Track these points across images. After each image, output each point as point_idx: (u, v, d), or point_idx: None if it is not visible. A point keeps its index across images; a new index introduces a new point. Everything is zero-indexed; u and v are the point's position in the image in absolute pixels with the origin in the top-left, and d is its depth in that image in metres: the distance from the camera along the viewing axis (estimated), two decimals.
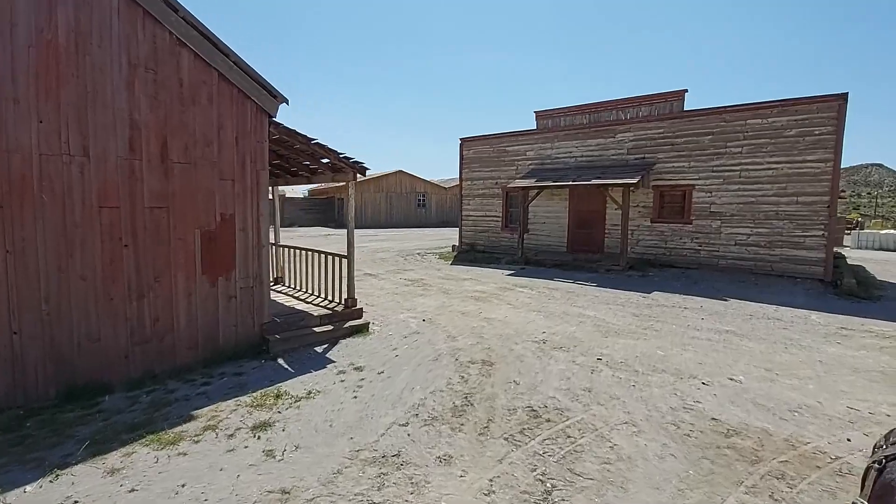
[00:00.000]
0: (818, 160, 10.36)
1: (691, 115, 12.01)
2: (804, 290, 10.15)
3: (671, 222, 12.47)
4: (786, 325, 7.78)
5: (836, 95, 10.11)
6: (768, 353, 6.33)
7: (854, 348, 6.60)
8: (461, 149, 16.89)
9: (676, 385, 5.10)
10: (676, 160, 12.26)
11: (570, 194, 14.19)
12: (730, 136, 11.45)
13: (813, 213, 10.50)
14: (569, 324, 7.71)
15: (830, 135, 10.18)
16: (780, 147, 10.79)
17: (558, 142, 14.43)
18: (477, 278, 12.11)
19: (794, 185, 10.68)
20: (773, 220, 10.99)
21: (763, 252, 11.18)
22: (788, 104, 10.66)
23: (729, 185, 11.53)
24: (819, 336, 7.18)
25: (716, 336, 7.12)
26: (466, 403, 4.53)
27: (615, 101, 13.29)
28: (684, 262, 12.26)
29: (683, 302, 9.38)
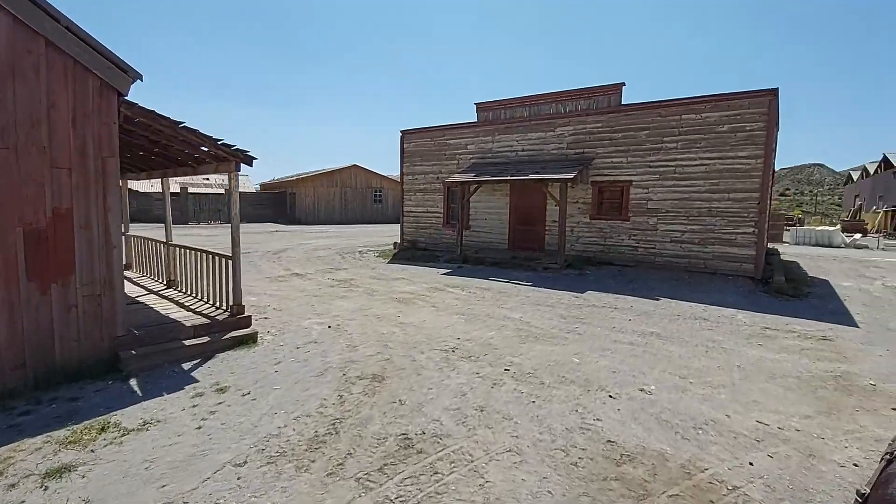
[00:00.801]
0: (749, 156, 10.26)
1: (628, 110, 11.74)
2: (735, 288, 10.04)
3: (610, 219, 12.20)
4: (711, 326, 7.52)
5: (766, 91, 10.01)
6: (687, 358, 5.98)
7: (775, 350, 6.36)
8: (402, 142, 16.16)
9: (581, 399, 4.62)
10: (615, 155, 11.99)
11: (511, 190, 13.74)
12: (665, 131, 11.25)
13: (744, 210, 10.41)
14: (489, 328, 7.18)
15: (761, 131, 10.09)
16: (713, 143, 10.65)
17: (499, 135, 13.94)
18: (410, 278, 11.48)
19: (726, 181, 10.56)
20: (707, 217, 10.86)
21: (697, 249, 11.05)
22: (721, 99, 10.52)
23: (665, 181, 11.34)
24: (742, 338, 6.93)
25: (639, 339, 6.75)
26: (331, 431, 3.86)
27: (555, 94, 12.91)
28: (622, 260, 12.03)
29: (615, 302, 9.05)
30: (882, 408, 4.60)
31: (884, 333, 7.33)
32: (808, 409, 4.54)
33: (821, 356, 6.16)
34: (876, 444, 3.87)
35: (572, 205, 12.70)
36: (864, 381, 5.27)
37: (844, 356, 6.18)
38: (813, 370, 5.61)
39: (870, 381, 5.30)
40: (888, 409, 4.58)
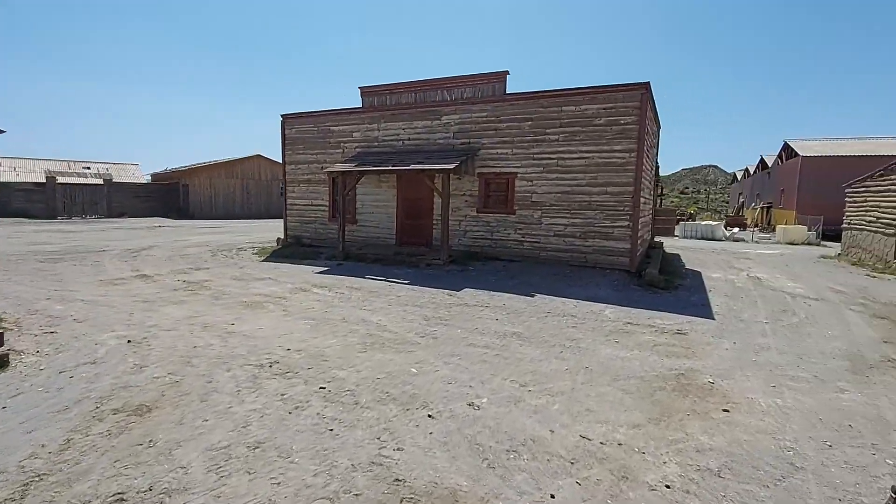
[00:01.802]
0: (624, 150, 10.33)
1: (512, 100, 11.44)
2: (610, 282, 10.05)
3: (497, 213, 11.86)
4: (577, 324, 7.26)
5: (639, 84, 10.11)
6: (538, 361, 5.55)
7: (629, 348, 6.14)
8: (282, 127, 14.78)
9: (393, 422, 3.92)
10: (500, 146, 11.64)
11: (399, 182, 12.98)
12: (547, 122, 11.06)
13: (620, 204, 10.48)
14: (335, 335, 6.34)
15: (634, 125, 10.18)
16: (591, 136, 10.61)
17: (385, 122, 13.10)
18: (277, 278, 10.32)
19: (604, 174, 10.58)
20: (587, 211, 10.83)
21: (579, 243, 11.00)
22: (598, 91, 10.49)
23: (548, 173, 11.17)
24: (602, 335, 6.69)
25: (496, 342, 6.26)
26: (11, 498, 2.80)
27: (440, 80, 12.32)
28: (509, 255, 11.73)
29: (490, 300, 8.60)
30: (713, 410, 4.37)
31: (735, 325, 7.49)
32: (639, 417, 4.19)
33: (671, 352, 6.02)
34: (696, 456, 3.54)
35: (459, 197, 12.21)
36: (704, 379, 5.11)
37: (693, 351, 6.09)
38: (658, 369, 5.39)
39: (709, 378, 5.15)
40: (719, 410, 4.37)
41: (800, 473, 3.38)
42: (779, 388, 4.93)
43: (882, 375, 5.39)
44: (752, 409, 4.40)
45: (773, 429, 4.04)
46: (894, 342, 6.73)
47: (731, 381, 5.08)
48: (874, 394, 4.86)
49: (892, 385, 5.12)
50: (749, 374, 5.34)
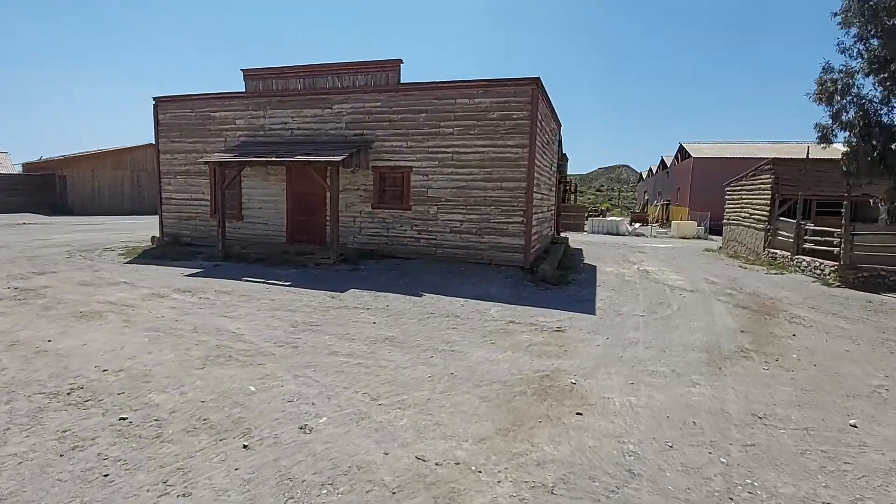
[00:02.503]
0: (516, 145, 10.30)
1: (407, 90, 11.01)
2: (504, 278, 9.98)
3: (392, 208, 11.39)
4: (458, 324, 6.98)
5: (530, 79, 10.11)
6: (403, 368, 5.15)
7: (503, 349, 5.94)
8: (155, 112, 13.20)
9: (195, 458, 3.29)
10: (395, 139, 11.17)
11: (288, 175, 12.07)
12: (442, 115, 10.77)
13: (514, 200, 10.46)
14: (175, 349, 5.52)
15: (526, 120, 10.17)
16: (486, 130, 10.48)
17: (271, 109, 12.12)
18: (135, 282, 9.08)
19: (499, 169, 10.49)
20: (482, 206, 10.69)
21: (475, 240, 10.84)
22: (491, 85, 10.36)
23: (443, 167, 10.89)
24: (480, 336, 6.45)
25: (364, 348, 5.78)
26: None
27: (332, 66, 11.58)
28: (406, 252, 11.32)
29: (373, 301, 8.10)
30: (567, 414, 4.21)
31: (613, 319, 7.62)
32: (489, 428, 3.91)
33: (544, 352, 5.90)
34: (534, 471, 3.29)
35: (353, 192, 11.59)
36: (568, 380, 4.99)
37: (565, 350, 6.02)
38: (525, 371, 5.21)
39: (573, 378, 5.04)
40: (573, 414, 4.21)
41: (635, 482, 3.24)
42: (636, 386, 4.92)
43: (733, 367, 5.62)
44: (605, 411, 4.30)
45: (621, 431, 3.94)
46: (750, 332, 7.17)
47: (593, 381, 5.01)
48: (723, 386, 5.01)
49: (740, 376, 5.33)
50: (612, 371, 5.33)
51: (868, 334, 7.22)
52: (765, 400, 4.70)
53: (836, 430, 4.13)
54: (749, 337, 6.87)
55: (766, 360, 5.85)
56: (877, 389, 5.06)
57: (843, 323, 7.85)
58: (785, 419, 4.30)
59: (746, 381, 5.18)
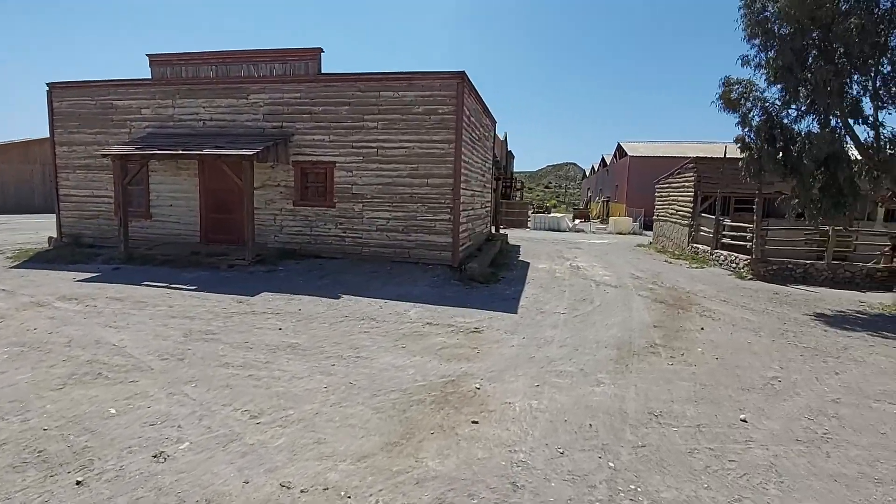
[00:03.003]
0: (442, 140, 10.09)
1: (328, 80, 10.53)
2: (430, 278, 9.76)
3: (315, 205, 10.88)
4: (372, 328, 6.67)
5: (455, 73, 9.92)
6: (298, 379, 4.79)
7: (413, 353, 5.69)
8: (50, 99, 11.93)
9: (10, 501, 2.80)
10: (316, 132, 10.66)
11: (201, 169, 11.26)
12: (366, 108, 10.39)
13: (441, 197, 10.25)
14: (36, 366, 4.88)
15: (451, 115, 9.98)
16: (411, 124, 10.20)
17: (181, 99, 11.24)
18: (15, 290, 8.09)
19: (425, 165, 10.25)
20: (409, 204, 10.42)
21: (402, 238, 10.55)
22: (415, 78, 10.09)
23: (368, 163, 10.50)
24: (392, 340, 6.18)
25: (262, 357, 5.36)
26: None
27: (247, 53, 10.89)
28: (330, 252, 10.85)
29: (285, 305, 7.63)
30: (463, 423, 4.01)
31: (534, 318, 7.58)
32: (375, 443, 3.64)
33: (455, 355, 5.71)
34: (411, 491, 3.05)
35: (273, 188, 10.97)
36: (472, 385, 4.81)
37: (478, 352, 5.86)
38: (431, 377, 4.99)
39: (478, 383, 4.87)
40: (469, 423, 4.02)
41: (517, 495, 3.08)
42: (541, 388, 4.82)
43: (640, 363, 5.66)
44: (503, 418, 4.14)
45: (515, 439, 3.78)
46: (662, 326, 7.33)
47: (498, 385, 4.86)
48: (626, 384, 5.00)
49: (645, 373, 5.36)
50: (520, 373, 5.21)
51: (770, 325, 7.57)
52: (664, 397, 4.72)
53: (727, 425, 4.18)
54: (660, 332, 7.01)
55: (672, 356, 5.95)
56: (770, 381, 5.23)
57: (749, 315, 8.22)
58: (680, 416, 4.32)
59: (650, 377, 5.21)
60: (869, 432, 4.15)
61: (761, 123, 9.20)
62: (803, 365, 5.79)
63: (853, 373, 5.58)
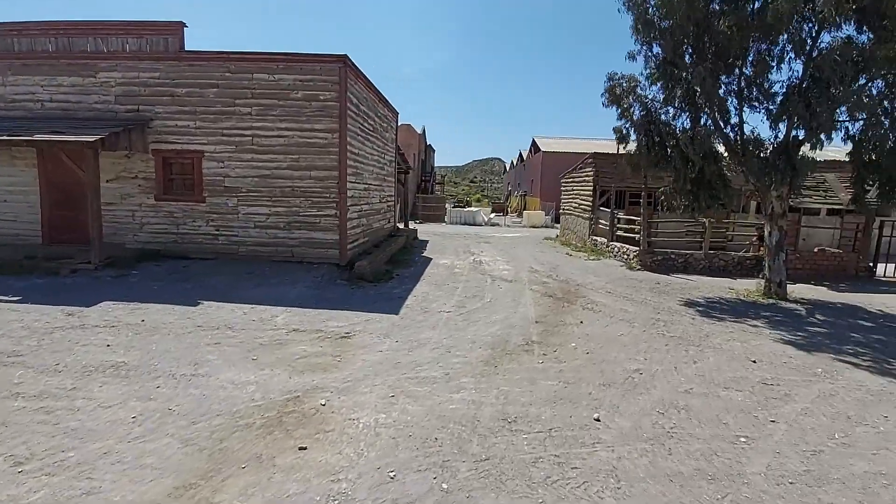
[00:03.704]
0: (325, 130, 9.43)
1: (192, 59, 9.44)
2: (313, 278, 9.10)
3: (182, 200, 9.76)
4: (226, 338, 5.94)
5: (336, 56, 9.29)
6: (105, 408, 4.04)
7: (263, 366, 5.08)
8: None
9: None
10: (180, 117, 9.53)
11: (41, 160, 9.67)
12: (237, 91, 9.45)
13: (325, 191, 9.60)
14: None
15: (335, 101, 9.35)
16: (289, 111, 9.43)
17: (14, 76, 9.56)
18: None
19: (307, 157, 9.53)
20: (290, 198, 9.65)
21: (283, 235, 9.76)
22: (293, 60, 9.33)
23: (242, 153, 9.58)
24: (244, 351, 5.51)
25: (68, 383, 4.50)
26: None
27: (92, 25, 9.47)
28: (201, 252, 9.79)
29: (127, 316, 6.63)
30: (287, 451, 3.51)
31: (415, 318, 7.22)
32: (165, 486, 3.03)
33: (312, 365, 5.18)
34: None
35: (130, 181, 9.69)
36: (318, 401, 4.31)
37: (339, 360, 5.38)
38: (273, 394, 4.42)
39: (326, 397, 4.38)
40: (295, 450, 3.52)
41: None
42: (395, 398, 4.44)
43: (510, 363, 5.48)
44: (340, 438, 3.69)
45: (344, 465, 3.35)
46: (544, 322, 7.28)
47: (349, 398, 4.40)
48: (489, 388, 4.76)
49: (511, 373, 5.17)
50: (379, 382, 4.80)
51: (645, 315, 7.82)
52: (524, 399, 4.53)
53: (580, 427, 4.05)
54: (541, 328, 6.95)
55: (544, 353, 5.85)
56: (632, 375, 5.26)
57: (628, 306, 8.47)
58: (535, 420, 4.13)
59: (515, 378, 5.03)
60: (712, 424, 4.21)
61: (641, 118, 9.54)
62: (666, 355, 5.93)
63: (709, 361, 5.80)
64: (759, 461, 3.63)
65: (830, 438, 4.00)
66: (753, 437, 3.98)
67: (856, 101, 7.75)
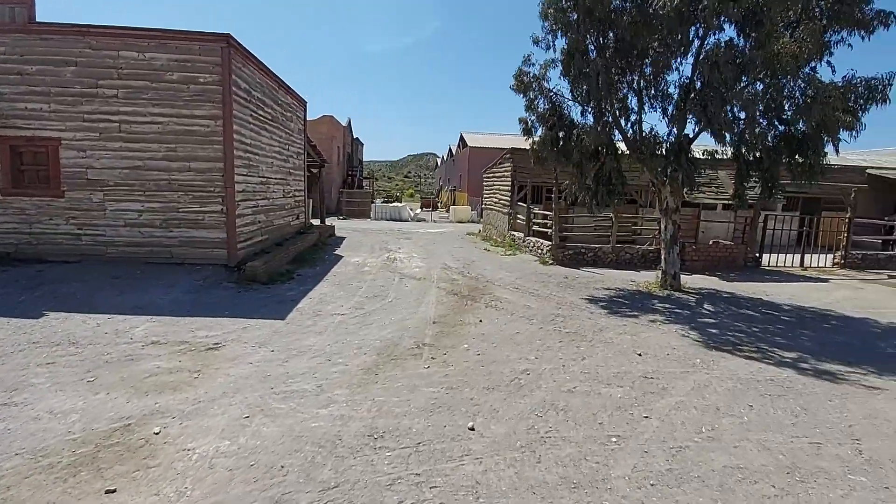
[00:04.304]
0: (207, 116, 8.61)
1: (44, 32, 8.24)
2: (194, 281, 8.28)
3: (35, 195, 8.52)
4: (65, 355, 5.13)
5: (218, 35, 8.49)
6: None
7: (100, 389, 4.39)
8: None
9: None
10: (31, 99, 8.30)
11: None
12: (100, 71, 8.38)
13: (209, 184, 8.77)
14: None
15: (216, 85, 8.54)
16: (164, 95, 8.50)
17: None
18: None
19: (186, 146, 8.65)
20: (167, 192, 8.72)
21: (160, 234, 8.81)
22: (167, 37, 8.41)
23: (109, 141, 8.52)
24: (82, 371, 4.77)
25: None
26: None
27: None
28: (61, 254, 8.62)
29: None
30: (90, 495, 2.95)
31: (303, 323, 6.71)
32: None
33: (161, 384, 4.55)
34: None
35: None
36: (153, 428, 3.74)
37: (198, 376, 4.78)
38: (98, 423, 3.79)
39: (165, 424, 3.81)
40: (100, 493, 2.97)
41: None
42: (251, 419, 3.96)
43: (394, 370, 5.15)
44: (164, 475, 3.17)
45: None
46: (442, 322, 7.04)
47: (193, 422, 3.87)
48: (363, 399, 4.41)
49: (393, 381, 4.85)
50: (238, 400, 4.29)
51: (546, 311, 7.82)
52: (398, 410, 4.23)
53: (451, 438, 3.80)
54: (437, 328, 6.70)
55: (432, 357, 5.59)
56: (519, 376, 5.12)
57: (532, 302, 8.46)
58: (404, 434, 3.83)
59: (395, 386, 4.71)
60: (588, 424, 4.13)
61: (546, 110, 9.58)
62: (558, 353, 5.89)
63: (598, 356, 5.82)
64: (627, 462, 3.57)
65: (697, 433, 4.05)
66: (625, 437, 3.93)
67: (743, 101, 8.20)
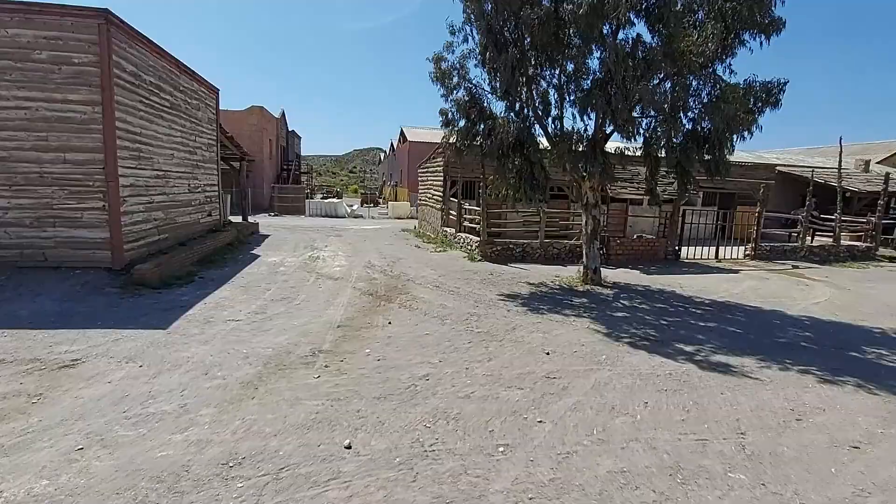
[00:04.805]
0: (84, 101, 7.70)
1: None
2: (71, 286, 7.40)
3: None
4: None
5: (94, 11, 7.60)
6: None
7: None
8: None
9: None
10: None
11: None
12: None
13: (88, 178, 7.87)
14: None
15: (94, 66, 7.65)
16: (32, 77, 7.52)
17: None
18: None
19: (59, 135, 7.71)
20: (40, 187, 7.75)
21: (31, 234, 7.82)
22: (33, 10, 7.43)
23: None
24: None
25: None
26: None
27: None
28: None
29: None
30: None
31: (187, 331, 6.07)
32: None
33: None
34: None
35: None
36: None
37: (37, 401, 4.14)
38: None
39: None
40: None
41: None
42: (85, 451, 3.41)
43: (278, 381, 4.71)
44: None
45: None
46: (348, 325, 6.63)
47: (9, 459, 3.28)
48: (232, 418, 3.93)
49: (273, 394, 4.41)
50: (75, 428, 3.71)
51: (462, 310, 7.59)
52: (270, 429, 3.81)
53: (321, 459, 3.44)
54: (340, 332, 6.29)
55: (326, 364, 5.19)
56: (417, 382, 4.83)
57: (450, 300, 8.22)
58: (269, 458, 3.42)
59: (275, 401, 4.28)
60: (477, 433, 3.89)
61: (464, 101, 9.35)
62: (464, 354, 5.66)
63: (506, 356, 5.64)
64: (509, 475, 3.35)
65: (588, 435, 3.91)
66: (513, 445, 3.73)
67: (648, 98, 8.32)
